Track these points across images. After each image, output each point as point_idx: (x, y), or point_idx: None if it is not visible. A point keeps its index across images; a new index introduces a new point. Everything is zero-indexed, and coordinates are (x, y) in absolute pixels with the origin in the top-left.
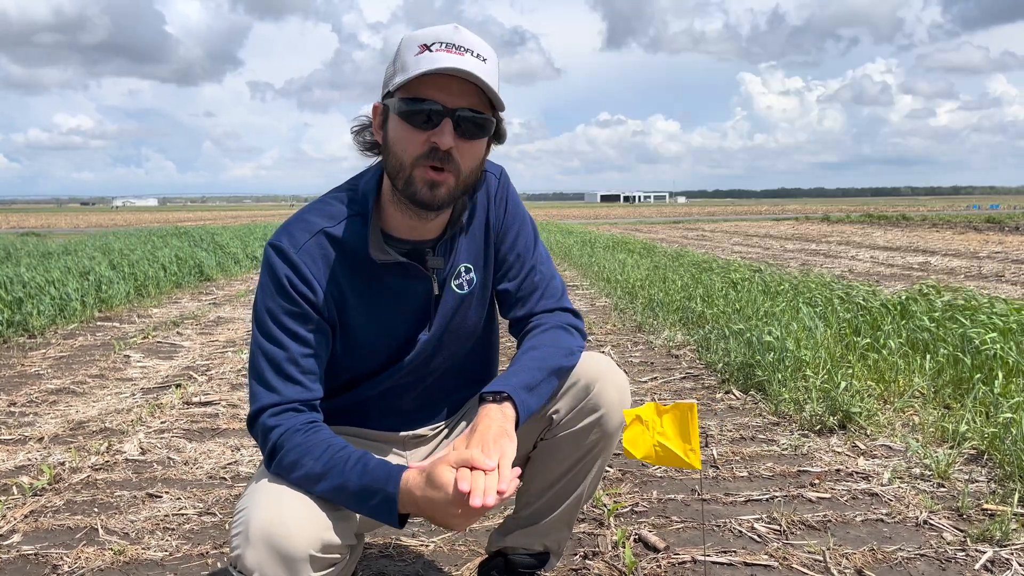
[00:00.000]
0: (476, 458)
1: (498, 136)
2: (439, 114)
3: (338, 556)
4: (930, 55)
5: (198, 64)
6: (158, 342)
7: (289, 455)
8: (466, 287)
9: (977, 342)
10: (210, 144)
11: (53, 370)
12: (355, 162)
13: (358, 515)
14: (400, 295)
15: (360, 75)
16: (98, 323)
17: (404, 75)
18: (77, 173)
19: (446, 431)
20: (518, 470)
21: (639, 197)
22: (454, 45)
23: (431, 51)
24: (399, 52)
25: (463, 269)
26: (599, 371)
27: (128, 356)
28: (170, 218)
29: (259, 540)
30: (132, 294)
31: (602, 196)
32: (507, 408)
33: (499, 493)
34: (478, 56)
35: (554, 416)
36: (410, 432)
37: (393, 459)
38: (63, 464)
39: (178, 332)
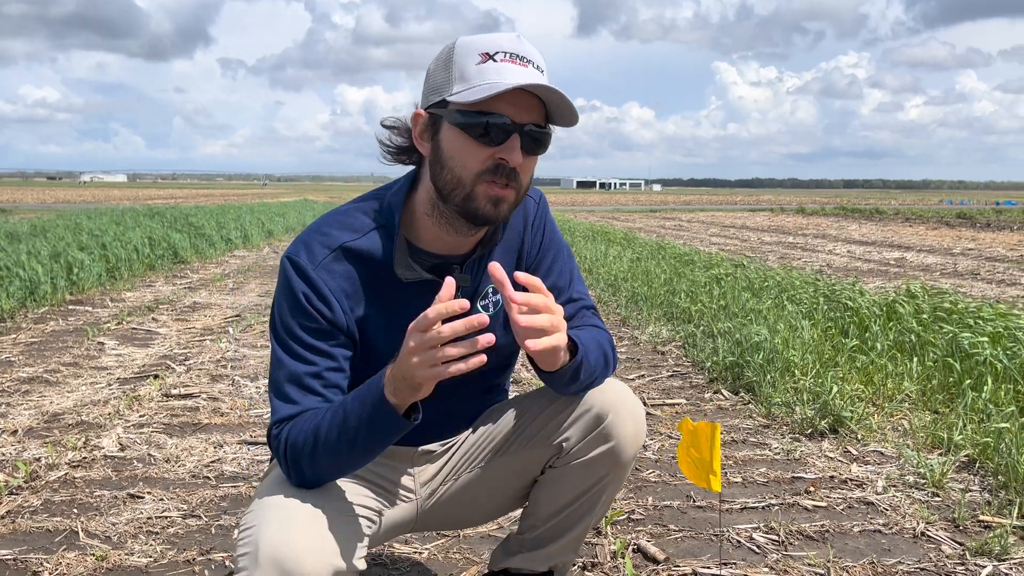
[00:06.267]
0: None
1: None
2: (508, 129)
3: None
4: (897, 50)
5: (167, 39)
6: (133, 328)
7: (296, 432)
8: (491, 308)
9: (967, 346)
10: (180, 120)
11: (25, 357)
12: (328, 142)
13: (369, 535)
14: (422, 312)
15: (333, 55)
16: (69, 307)
17: (466, 84)
18: (43, 146)
19: (457, 444)
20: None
21: (615, 184)
22: (518, 56)
23: (495, 61)
24: (454, 58)
25: (490, 290)
26: (614, 399)
27: (102, 343)
28: (140, 195)
29: (269, 564)
30: (104, 277)
31: (578, 182)
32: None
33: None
34: (538, 68)
35: (564, 444)
36: (423, 448)
37: (405, 479)
38: (39, 460)
39: (153, 318)
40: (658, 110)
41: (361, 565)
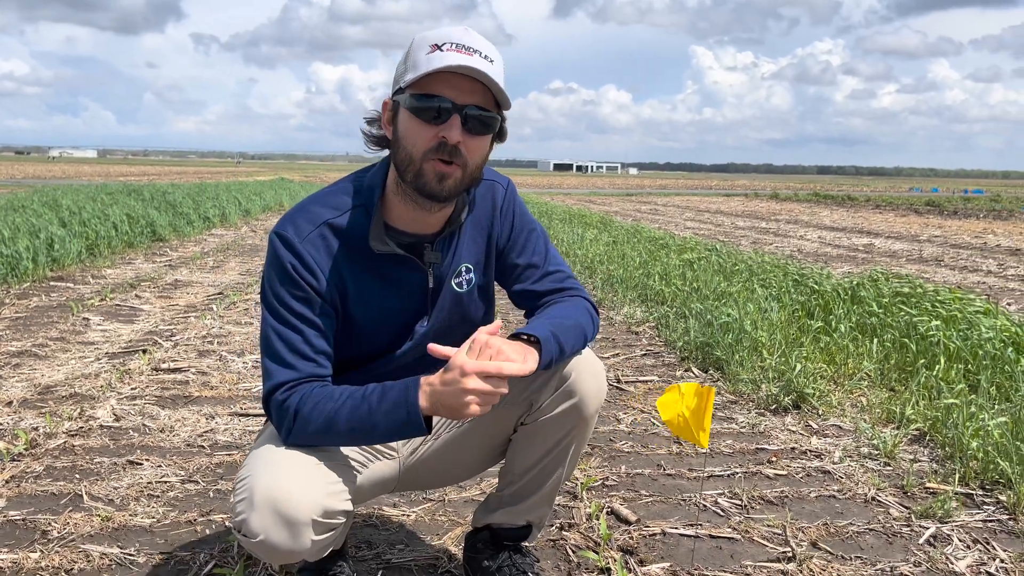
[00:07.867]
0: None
1: (500, 135)
2: (448, 110)
3: (337, 521)
4: (870, 37)
5: (139, 13)
6: (116, 305)
7: (308, 408)
8: (465, 286)
9: (922, 329)
10: (151, 96)
11: (11, 331)
12: (303, 120)
13: (356, 482)
14: (396, 285)
15: (308, 32)
16: (51, 283)
17: (415, 72)
18: (11, 120)
19: None
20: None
21: (592, 167)
22: (464, 46)
23: (442, 50)
24: (410, 51)
25: (464, 269)
26: (577, 360)
27: (87, 319)
28: (112, 171)
29: (264, 505)
30: (84, 253)
31: (555, 165)
32: (532, 352)
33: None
34: (486, 57)
35: (533, 401)
36: None
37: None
38: (37, 429)
39: (136, 295)
40: (635, 93)
41: (347, 506)
